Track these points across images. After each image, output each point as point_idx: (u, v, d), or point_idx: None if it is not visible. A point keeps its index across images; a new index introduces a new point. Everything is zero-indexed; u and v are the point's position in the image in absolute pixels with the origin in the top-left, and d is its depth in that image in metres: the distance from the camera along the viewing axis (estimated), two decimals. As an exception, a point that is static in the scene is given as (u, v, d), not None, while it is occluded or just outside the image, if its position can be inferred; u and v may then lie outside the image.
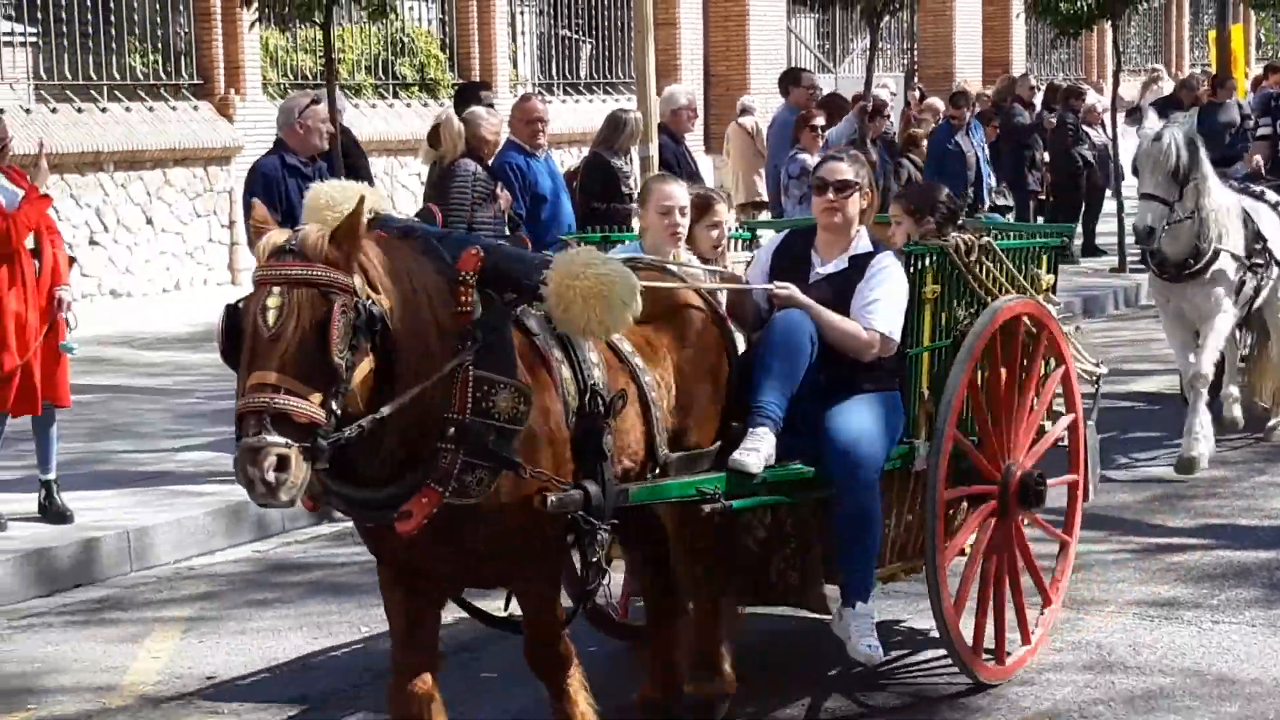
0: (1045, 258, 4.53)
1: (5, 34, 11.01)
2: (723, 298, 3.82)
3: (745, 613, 4.08)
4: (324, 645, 4.89)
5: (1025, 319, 4.05)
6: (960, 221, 4.33)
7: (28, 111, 10.58)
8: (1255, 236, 6.72)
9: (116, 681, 4.71)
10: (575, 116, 13.52)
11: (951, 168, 10.62)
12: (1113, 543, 5.78)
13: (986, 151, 11.31)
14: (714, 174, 12.46)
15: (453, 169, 7.66)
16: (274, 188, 6.78)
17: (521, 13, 14.87)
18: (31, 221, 5.86)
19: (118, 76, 11.61)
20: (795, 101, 10.61)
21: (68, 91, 11.31)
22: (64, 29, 11.45)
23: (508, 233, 7.85)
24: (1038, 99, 14.37)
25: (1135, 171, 7.28)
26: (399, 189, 12.64)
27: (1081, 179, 12.58)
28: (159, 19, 12.09)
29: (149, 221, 11.28)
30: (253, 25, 10.74)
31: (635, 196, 7.19)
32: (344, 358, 2.58)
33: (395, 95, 13.61)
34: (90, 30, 11.50)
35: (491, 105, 9.01)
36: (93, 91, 11.34)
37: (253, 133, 11.57)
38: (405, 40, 13.79)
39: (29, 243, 5.83)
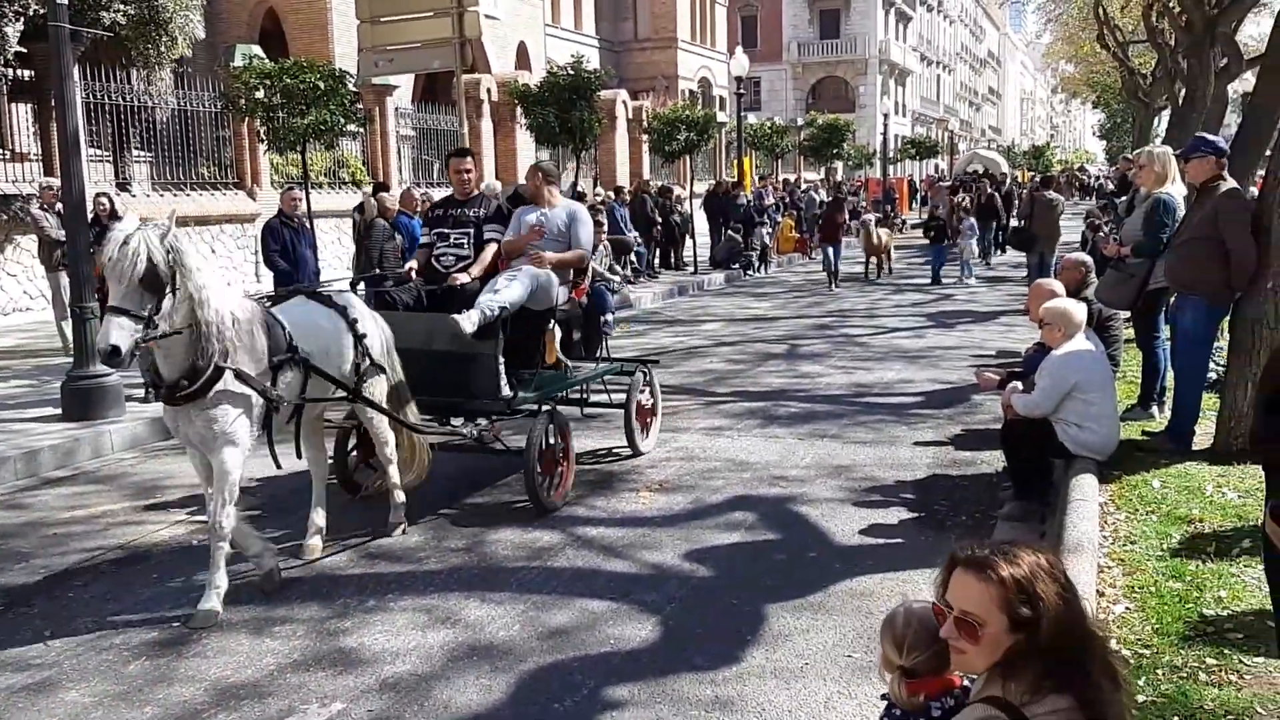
0: None
1: (137, 157, 18.04)
2: None
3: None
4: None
5: None
6: None
7: (148, 196, 16.72)
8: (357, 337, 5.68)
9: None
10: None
11: (615, 225, 19.96)
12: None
13: (628, 218, 19.36)
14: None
15: (372, 223, 11.89)
16: (277, 234, 10.78)
17: (401, 147, 22.63)
18: None
19: (195, 178, 17.98)
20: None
21: (170, 186, 17.49)
22: (166, 152, 17.74)
23: (403, 257, 11.05)
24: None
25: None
26: (343, 235, 18.69)
27: (675, 232, 21.32)
28: (217, 147, 18.68)
29: (213, 251, 17.39)
30: (265, 151, 16.90)
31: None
32: None
33: (339, 188, 20.45)
34: (182, 154, 17.91)
35: (389, 192, 14.00)
36: (184, 185, 17.71)
37: (266, 206, 17.15)
38: (343, 160, 20.73)
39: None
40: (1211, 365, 7.69)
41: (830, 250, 19.74)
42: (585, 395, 7.92)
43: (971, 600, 2.20)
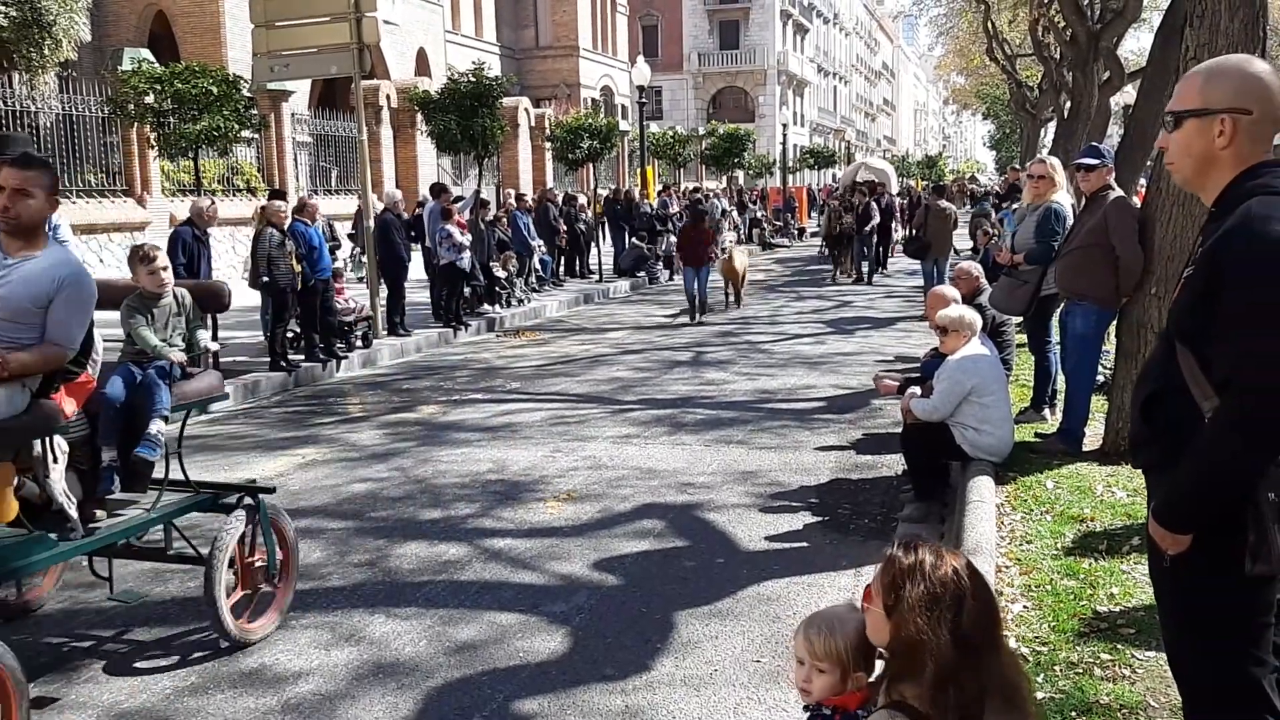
0: None
1: (19, 162, 18.98)
2: None
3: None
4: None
5: None
6: None
7: (31, 203, 18.44)
8: None
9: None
10: (328, 206, 18.12)
11: (519, 233, 19.31)
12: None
13: (532, 225, 19.39)
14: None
15: (259, 232, 11.31)
16: (186, 245, 10.37)
17: (298, 154, 22.36)
18: None
19: (81, 185, 17.53)
20: (441, 201, 15.34)
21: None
22: (50, 158, 16.49)
23: (294, 266, 11.11)
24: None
25: None
26: (236, 244, 18.91)
27: (580, 240, 21.36)
28: (104, 154, 18.22)
29: (101, 261, 16.85)
30: (156, 158, 17.60)
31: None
32: None
33: (234, 195, 20.06)
34: (67, 160, 17.36)
35: (285, 199, 12.70)
36: (69, 193, 16.82)
37: (156, 215, 17.85)
38: (238, 166, 20.43)
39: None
40: (1100, 368, 7.95)
41: (696, 275, 16.21)
42: (110, 550, 4.65)
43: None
